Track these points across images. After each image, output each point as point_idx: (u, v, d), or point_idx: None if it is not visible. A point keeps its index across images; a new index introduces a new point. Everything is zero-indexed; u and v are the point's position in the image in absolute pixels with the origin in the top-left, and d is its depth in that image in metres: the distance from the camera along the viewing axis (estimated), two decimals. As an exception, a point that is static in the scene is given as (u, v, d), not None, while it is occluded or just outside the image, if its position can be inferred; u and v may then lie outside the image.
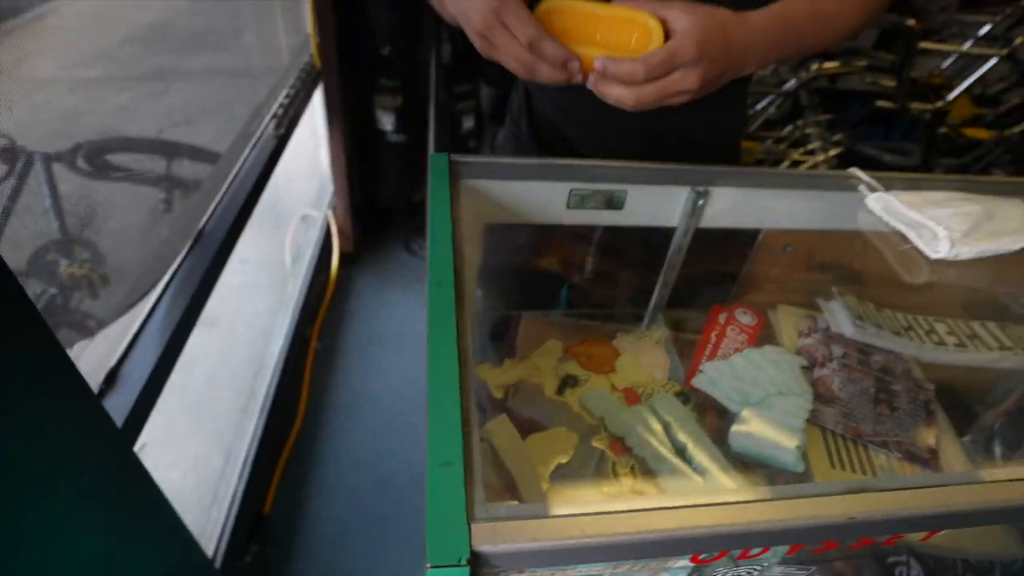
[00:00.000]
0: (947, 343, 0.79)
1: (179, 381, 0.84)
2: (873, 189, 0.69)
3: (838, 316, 0.76)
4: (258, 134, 1.38)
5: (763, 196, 0.70)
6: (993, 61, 1.83)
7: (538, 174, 0.64)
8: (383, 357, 1.68)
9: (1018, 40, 1.80)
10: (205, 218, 1.11)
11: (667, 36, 0.56)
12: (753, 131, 1.99)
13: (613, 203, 0.66)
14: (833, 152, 1.98)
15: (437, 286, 0.50)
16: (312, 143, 2.04)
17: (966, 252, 0.59)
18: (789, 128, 2.00)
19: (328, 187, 1.98)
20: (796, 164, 1.95)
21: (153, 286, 0.93)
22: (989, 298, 0.88)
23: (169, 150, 1.18)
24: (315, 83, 1.65)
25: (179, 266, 0.97)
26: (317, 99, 1.70)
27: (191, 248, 1.02)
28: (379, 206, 2.00)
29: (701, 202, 0.67)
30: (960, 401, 0.73)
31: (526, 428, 0.64)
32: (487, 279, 1.11)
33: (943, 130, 1.97)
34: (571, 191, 0.65)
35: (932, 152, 2.03)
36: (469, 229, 0.64)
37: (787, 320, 0.79)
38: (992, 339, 0.80)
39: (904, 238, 0.64)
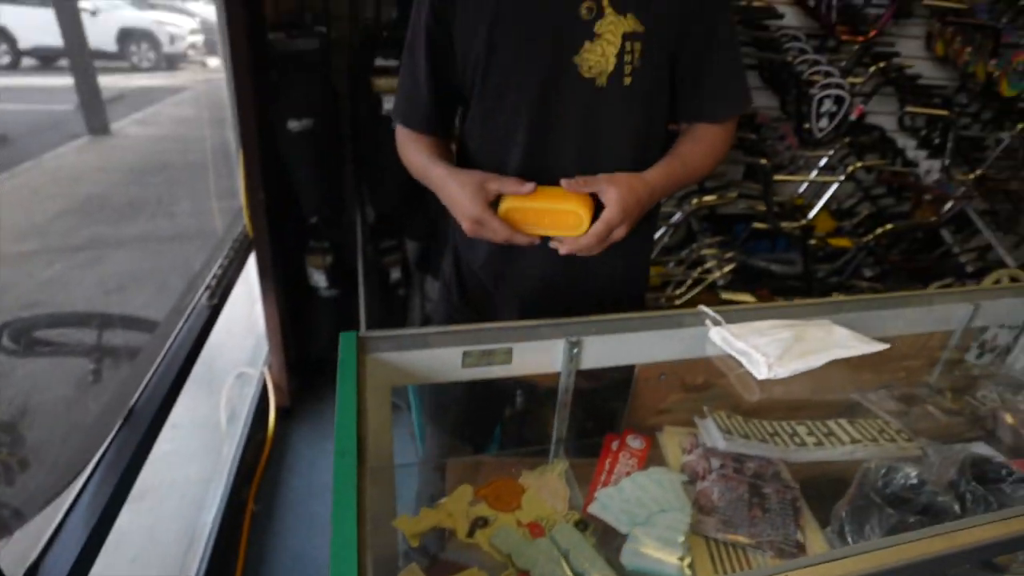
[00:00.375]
0: (807, 443, 0.91)
1: (101, 565, 0.84)
2: (716, 323, 0.85)
3: (711, 432, 0.88)
4: (192, 305, 1.46)
5: (629, 338, 0.84)
6: (835, 186, 2.19)
7: (435, 342, 0.76)
8: (322, 513, 1.66)
9: (851, 168, 2.18)
10: (137, 394, 1.14)
11: (598, 204, 0.83)
12: (655, 257, 2.24)
13: (501, 360, 0.78)
14: (728, 268, 2.24)
15: (341, 456, 0.58)
16: (247, 303, 2.13)
17: (781, 372, 0.73)
18: (686, 252, 2.25)
19: (263, 344, 2.04)
20: (697, 283, 2.18)
21: (80, 472, 0.94)
22: (842, 397, 1.03)
23: (99, 322, 1.22)
24: (248, 250, 1.78)
25: (108, 446, 1.00)
26: (251, 263, 1.82)
27: (121, 426, 1.05)
28: (314, 358, 2.07)
29: (576, 350, 0.80)
30: (822, 493, 0.83)
31: (441, 573, 0.70)
32: (434, 420, 1.18)
33: (813, 242, 2.28)
34: (464, 353, 0.76)
35: (809, 260, 2.33)
36: (377, 395, 0.74)
37: (671, 440, 0.90)
38: (844, 434, 0.94)
39: (739, 364, 0.78)
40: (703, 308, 0.88)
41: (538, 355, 0.81)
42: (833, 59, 2.02)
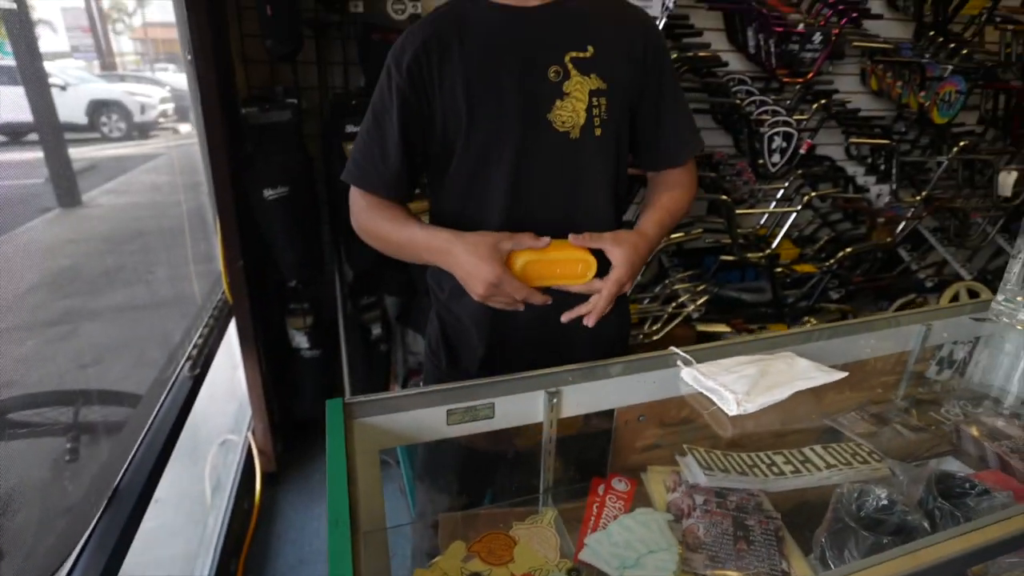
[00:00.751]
0: (785, 472, 0.95)
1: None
2: (687, 363, 0.89)
3: (692, 468, 0.91)
4: (173, 377, 1.46)
5: (607, 384, 0.88)
6: (793, 215, 2.30)
7: (419, 403, 0.78)
8: (315, 579, 1.63)
9: (806, 197, 2.29)
10: (121, 473, 1.13)
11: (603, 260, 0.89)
12: (630, 296, 2.30)
13: (484, 415, 0.81)
14: (701, 300, 2.31)
15: (335, 525, 0.60)
16: (228, 367, 2.12)
17: (750, 407, 0.77)
18: (659, 288, 2.32)
19: (246, 409, 2.03)
20: (672, 317, 2.24)
21: (64, 559, 0.92)
22: (816, 424, 1.07)
23: (78, 399, 1.20)
24: (228, 317, 1.79)
25: (93, 530, 0.98)
26: (231, 329, 1.83)
27: (106, 507, 1.04)
28: (299, 419, 2.06)
29: (555, 400, 0.83)
30: (804, 519, 0.86)
31: (440, 635, 0.71)
32: (424, 475, 1.19)
33: (779, 270, 2.37)
34: (448, 411, 0.79)
35: (778, 287, 2.41)
36: (366, 459, 0.76)
37: (656, 479, 0.93)
38: (820, 460, 0.97)
39: (712, 401, 0.82)
40: (674, 349, 0.92)
41: (520, 407, 0.84)
42: (778, 99, 2.15)
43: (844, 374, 0.84)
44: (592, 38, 0.90)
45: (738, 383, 0.80)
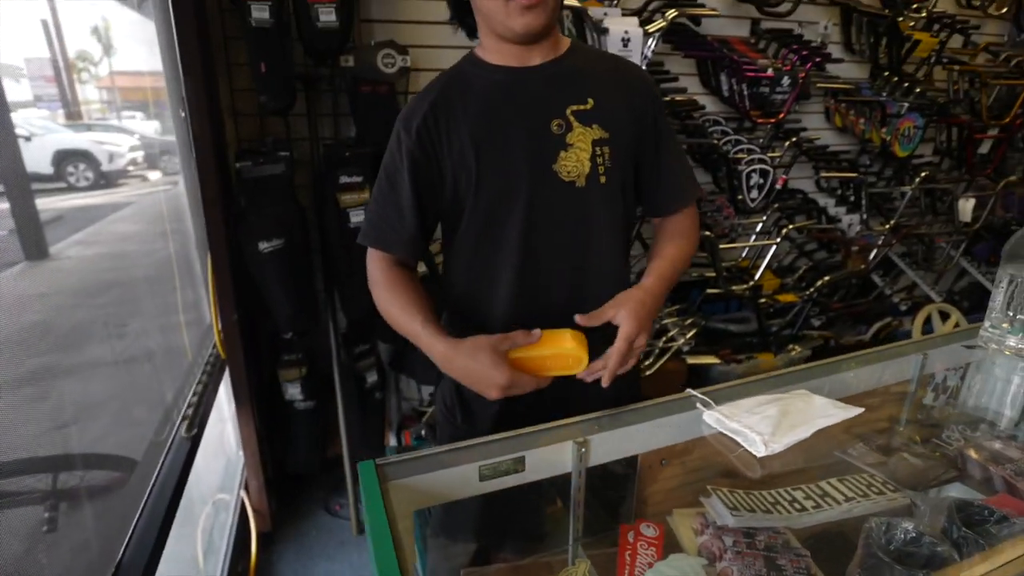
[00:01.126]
0: (807, 507, 0.96)
1: None
2: (706, 404, 0.91)
3: (718, 509, 0.91)
4: (170, 439, 1.41)
5: (630, 431, 0.88)
6: (773, 247, 2.38)
7: (451, 461, 0.78)
8: (319, 645, 1.56)
9: (784, 230, 2.38)
10: (123, 547, 1.08)
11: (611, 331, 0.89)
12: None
13: (516, 469, 0.80)
14: (690, 334, 2.35)
15: (388, 596, 0.59)
16: (217, 423, 2.06)
17: (777, 447, 0.79)
18: (647, 322, 2.36)
19: (238, 465, 1.96)
20: (664, 352, 2.27)
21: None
22: (827, 458, 1.10)
23: (61, 465, 1.14)
24: (221, 372, 1.75)
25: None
26: (223, 384, 1.78)
27: (110, 587, 0.99)
28: (293, 474, 2.00)
29: (583, 450, 0.83)
30: (828, 554, 0.87)
31: None
32: (446, 530, 1.16)
33: (763, 300, 2.43)
34: (480, 467, 0.78)
35: (762, 317, 2.47)
36: (401, 519, 0.74)
37: (683, 522, 0.93)
38: (838, 493, 0.99)
39: (736, 442, 0.84)
40: (692, 392, 0.94)
41: (549, 459, 0.84)
42: (752, 138, 2.25)
43: (860, 410, 0.87)
44: (591, 91, 0.94)
45: (762, 424, 0.81)
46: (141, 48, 1.52)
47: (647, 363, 2.27)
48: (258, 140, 1.84)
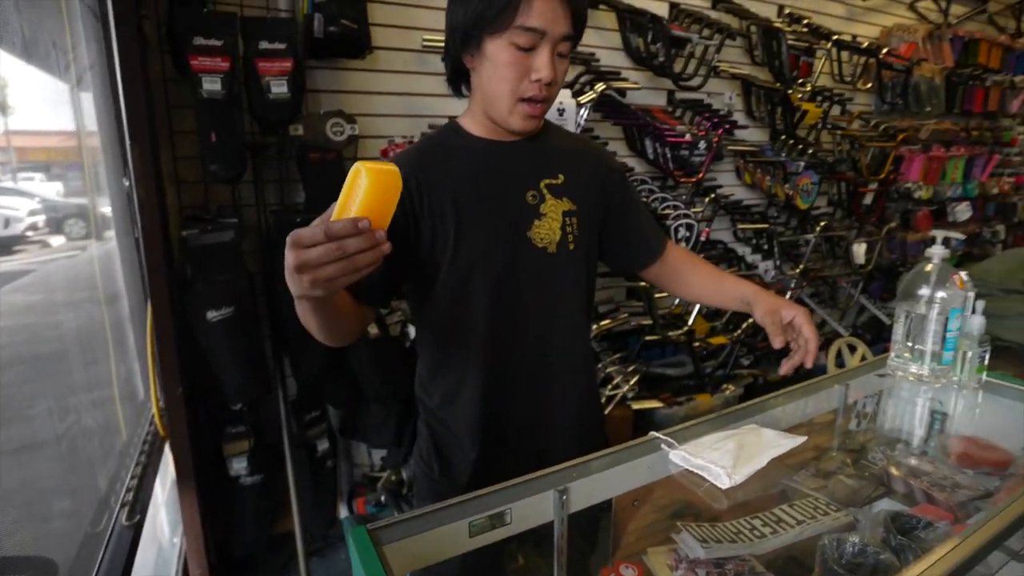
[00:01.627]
0: (765, 534, 1.04)
1: None
2: (670, 445, 0.98)
3: (689, 543, 0.97)
4: (109, 530, 1.31)
5: (606, 475, 0.94)
6: (703, 295, 2.58)
7: (441, 519, 0.80)
8: None
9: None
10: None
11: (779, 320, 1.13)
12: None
13: (501, 522, 0.83)
14: (633, 380, 2.46)
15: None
16: (150, 510, 1.91)
17: (739, 478, 0.87)
18: (592, 371, 2.45)
19: (173, 554, 1.82)
20: (609, 399, 2.36)
21: None
22: (776, 486, 1.19)
23: None
24: (160, 450, 1.65)
25: None
26: (163, 465, 1.68)
27: None
28: (239, 555, 1.88)
29: (564, 497, 0.88)
30: (794, 574, 0.95)
31: None
32: None
33: (696, 344, 2.60)
34: (470, 523, 0.81)
35: (697, 360, 2.63)
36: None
37: (658, 560, 0.98)
38: (790, 518, 1.08)
39: (701, 477, 0.91)
40: (655, 434, 1.01)
41: (532, 509, 0.87)
42: (676, 195, 2.47)
43: (804, 438, 0.97)
44: (562, 167, 1.04)
45: (723, 458, 0.89)
46: (52, 109, 1.48)
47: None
48: (202, 207, 1.82)
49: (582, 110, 2.11)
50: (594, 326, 2.30)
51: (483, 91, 0.96)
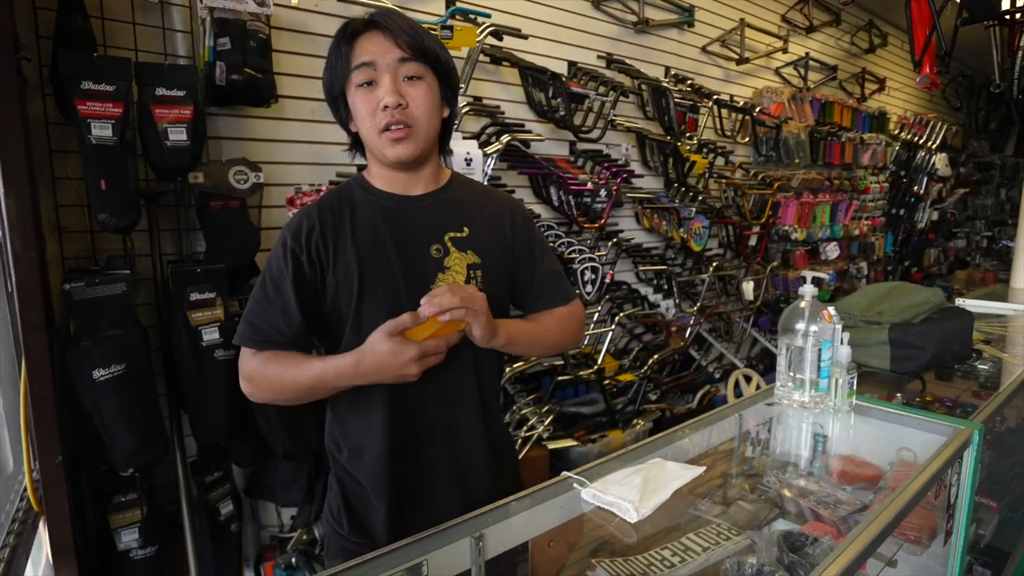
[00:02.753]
0: (675, 563, 1.09)
1: None
2: (581, 484, 1.02)
3: (603, 580, 1.01)
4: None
5: (521, 518, 0.96)
6: (610, 334, 2.70)
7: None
8: None
9: (617, 317, 2.72)
10: None
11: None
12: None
13: (419, 575, 0.83)
14: (548, 420, 2.50)
15: None
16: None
17: (645, 512, 0.92)
18: (508, 415, 2.47)
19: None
20: (525, 440, 2.39)
21: None
22: (686, 515, 1.26)
23: None
24: (34, 529, 1.47)
25: None
26: (36, 544, 1.49)
27: None
28: (125, 642, 1.68)
29: (481, 544, 0.88)
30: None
31: None
32: None
33: (607, 382, 2.70)
34: (388, 578, 0.79)
35: (607, 397, 2.73)
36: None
37: (575, 599, 1.00)
38: (696, 546, 1.14)
39: (612, 513, 0.95)
40: (567, 474, 1.05)
41: (448, 559, 0.87)
42: (581, 240, 2.60)
43: (703, 469, 1.04)
44: (467, 221, 1.08)
45: (631, 493, 0.94)
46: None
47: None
48: (88, 258, 1.70)
49: (489, 160, 2.19)
50: (507, 369, 2.33)
51: (364, 140, 1.04)
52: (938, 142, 5.40)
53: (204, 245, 1.79)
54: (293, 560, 1.85)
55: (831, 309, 1.41)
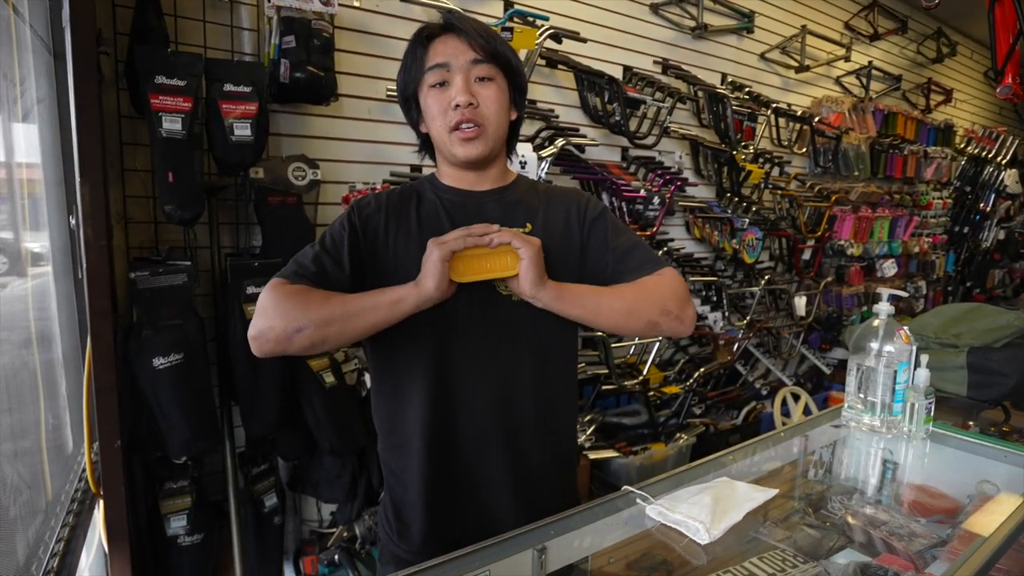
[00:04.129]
0: (738, 589, 1.04)
1: None
2: (644, 499, 0.98)
3: (666, 603, 0.96)
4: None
5: (583, 532, 0.92)
6: (657, 344, 2.63)
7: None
8: None
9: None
10: None
11: None
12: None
13: (484, 583, 0.80)
14: (590, 430, 2.45)
15: None
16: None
17: (717, 533, 0.87)
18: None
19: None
20: (568, 448, 2.34)
21: None
22: (747, 537, 1.20)
23: None
24: (91, 510, 1.51)
25: None
26: (92, 525, 1.53)
27: None
28: (171, 627, 1.71)
29: (543, 556, 0.85)
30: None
31: None
32: None
33: (651, 393, 2.63)
34: (452, 587, 0.77)
35: (651, 409, 2.66)
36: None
37: (634, 620, 0.96)
38: (760, 571, 1.08)
39: (679, 532, 0.91)
40: (630, 488, 1.01)
41: (510, 570, 0.84)
42: (632, 247, 2.55)
43: (775, 491, 0.99)
44: (529, 217, 1.05)
45: (700, 512, 0.90)
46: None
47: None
48: (151, 248, 1.74)
49: (543, 163, 2.17)
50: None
51: (434, 141, 1.04)
52: (1008, 157, 5.13)
53: (261, 239, 1.82)
54: (336, 557, 1.86)
55: (907, 329, 1.33)
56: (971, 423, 1.53)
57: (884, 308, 1.31)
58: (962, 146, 4.92)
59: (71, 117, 1.38)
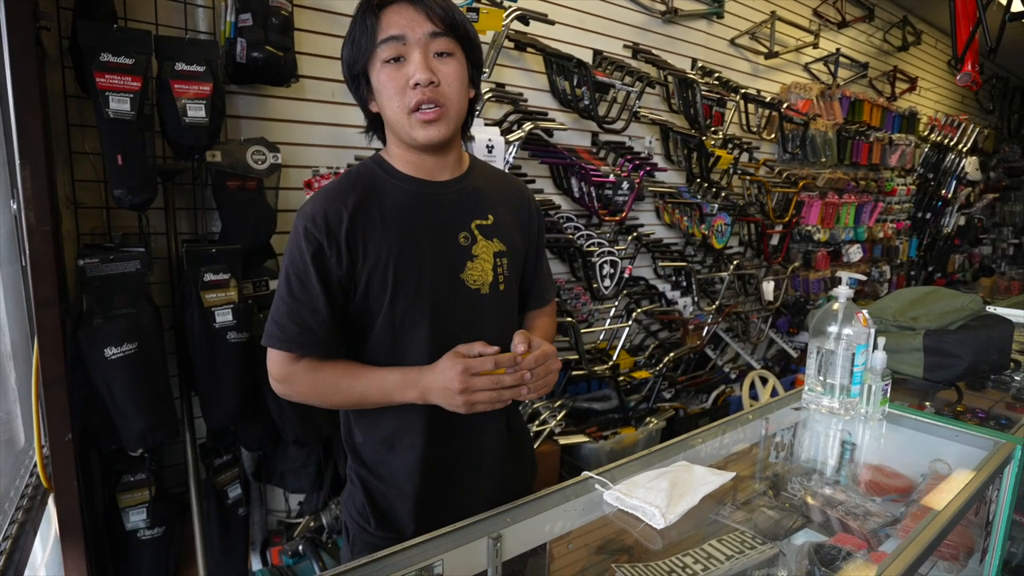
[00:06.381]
0: (697, 571, 1.05)
1: None
2: (604, 485, 0.98)
3: (624, 586, 0.96)
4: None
5: (541, 518, 0.92)
6: (626, 330, 2.65)
7: (380, 572, 0.74)
8: None
9: (634, 313, 2.66)
10: None
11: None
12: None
13: (437, 574, 0.79)
14: (560, 415, 2.46)
15: None
16: (28, 572, 1.68)
17: (673, 518, 0.87)
18: (520, 408, 2.43)
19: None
20: (537, 435, 2.35)
21: None
22: (707, 520, 1.21)
23: None
24: (43, 506, 1.46)
25: None
26: (44, 520, 1.48)
27: None
28: (131, 622, 1.67)
29: (498, 544, 0.84)
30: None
31: None
32: None
33: (622, 378, 2.65)
34: (406, 577, 0.76)
35: (621, 394, 2.68)
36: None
37: (593, 605, 0.96)
38: (719, 553, 1.10)
39: (635, 517, 0.91)
40: (589, 474, 1.01)
41: (464, 559, 0.84)
42: (600, 233, 2.54)
43: (733, 475, 1.00)
44: (491, 208, 1.03)
45: (657, 497, 0.90)
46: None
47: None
48: (103, 235, 1.67)
49: (511, 147, 2.14)
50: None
51: (387, 121, 0.98)
52: (969, 145, 5.26)
53: (220, 225, 1.76)
54: (300, 548, 1.83)
55: (866, 312, 1.35)
56: (926, 404, 1.57)
57: (843, 292, 1.33)
58: (926, 133, 5.02)
59: (8, 96, 1.30)
